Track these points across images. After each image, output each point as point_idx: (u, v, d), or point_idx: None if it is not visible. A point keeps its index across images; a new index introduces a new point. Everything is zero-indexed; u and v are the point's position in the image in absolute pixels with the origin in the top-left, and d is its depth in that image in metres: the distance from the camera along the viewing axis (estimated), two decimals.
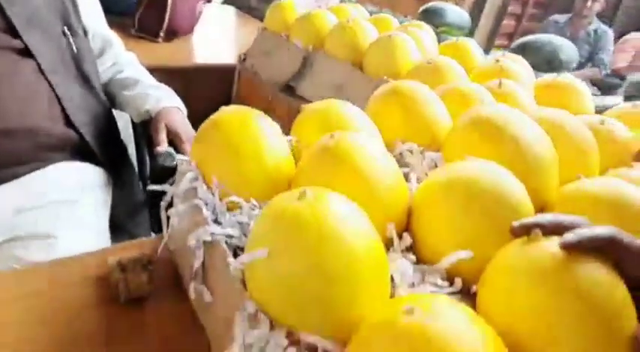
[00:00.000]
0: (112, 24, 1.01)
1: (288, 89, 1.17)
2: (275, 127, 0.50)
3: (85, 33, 0.92)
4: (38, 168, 0.78)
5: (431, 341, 0.26)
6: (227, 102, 1.38)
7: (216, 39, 1.65)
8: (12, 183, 0.75)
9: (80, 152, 0.83)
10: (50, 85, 0.79)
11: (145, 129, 0.98)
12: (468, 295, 0.38)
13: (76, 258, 0.53)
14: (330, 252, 0.32)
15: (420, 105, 0.60)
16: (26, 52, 0.78)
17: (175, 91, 1.13)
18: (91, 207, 0.80)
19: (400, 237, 0.42)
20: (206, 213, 0.42)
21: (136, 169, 0.97)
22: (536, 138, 0.50)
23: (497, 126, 0.50)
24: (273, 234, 0.33)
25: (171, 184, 0.50)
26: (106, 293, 0.49)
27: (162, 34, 1.40)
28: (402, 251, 0.41)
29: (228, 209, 0.43)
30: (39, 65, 0.79)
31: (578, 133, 0.56)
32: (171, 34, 1.43)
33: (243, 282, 0.35)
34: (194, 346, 0.45)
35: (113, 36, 1.00)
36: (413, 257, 0.40)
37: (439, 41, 1.13)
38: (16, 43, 0.78)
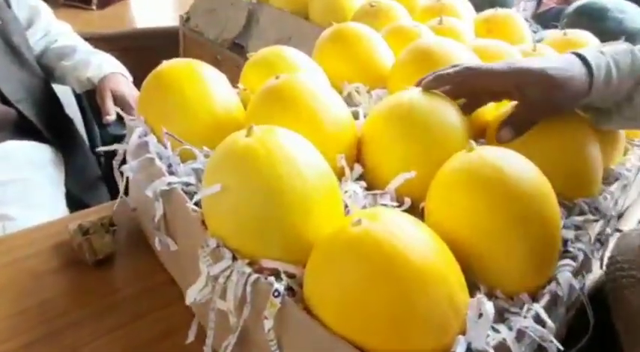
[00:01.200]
0: None
1: (237, 47, 1.14)
2: (222, 77, 0.50)
3: (8, 4, 0.87)
4: None
5: (381, 244, 0.29)
6: None
7: (154, 1, 1.58)
8: None
9: (23, 130, 0.80)
10: None
11: (90, 99, 0.95)
12: (417, 213, 0.41)
13: (35, 228, 0.53)
14: (283, 179, 0.33)
15: (364, 45, 0.62)
16: None
17: (121, 60, 1.10)
18: (43, 185, 0.78)
19: (352, 168, 0.44)
20: (160, 164, 0.42)
21: (87, 142, 0.95)
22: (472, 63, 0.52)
23: (435, 56, 0.52)
24: (227, 169, 0.34)
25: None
26: (70, 258, 0.49)
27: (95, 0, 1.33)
28: (355, 181, 0.44)
29: (182, 159, 0.44)
30: None
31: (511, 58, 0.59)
32: (105, 1, 1.35)
33: (203, 223, 0.37)
34: (166, 298, 0.47)
35: (40, 4, 0.94)
36: (364, 184, 0.42)
37: None
38: None
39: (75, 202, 0.84)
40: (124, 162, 0.48)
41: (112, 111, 0.81)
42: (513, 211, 0.33)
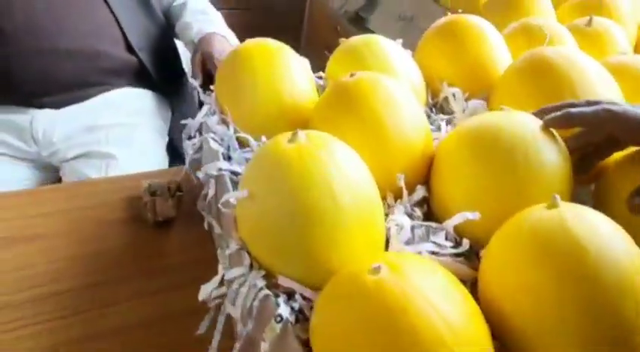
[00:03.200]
0: None
1: (359, 20, 1.10)
2: (303, 63, 0.47)
3: None
4: (103, 92, 0.82)
5: (389, 305, 0.24)
6: (297, 35, 1.35)
7: None
8: (82, 104, 0.81)
9: (140, 78, 0.86)
10: (110, 8, 0.81)
11: None
12: (474, 258, 0.35)
13: (116, 179, 0.57)
14: (313, 196, 0.30)
15: (476, 44, 0.53)
16: None
17: (241, 20, 1.12)
18: (148, 131, 0.84)
19: (414, 189, 0.39)
20: (217, 147, 0.42)
21: (194, 95, 1.00)
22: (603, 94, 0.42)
23: (556, 76, 0.42)
24: (258, 174, 0.32)
25: None
26: (135, 214, 0.52)
27: None
28: (414, 204, 0.39)
29: (243, 144, 0.43)
30: None
31: None
32: None
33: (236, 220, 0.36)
34: (210, 274, 0.48)
35: None
36: (419, 212, 0.37)
37: None
38: None
39: (176, 152, 0.91)
40: None
41: (196, 76, 0.83)
42: (585, 301, 0.26)
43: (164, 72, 0.90)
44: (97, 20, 0.80)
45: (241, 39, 1.03)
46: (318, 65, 1.33)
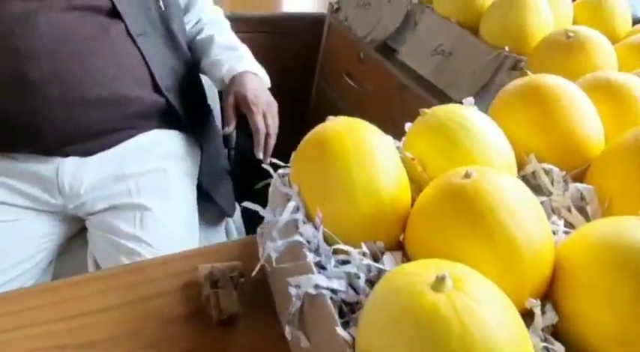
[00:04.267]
0: None
1: (385, 48, 1.05)
2: (388, 144, 0.42)
3: None
4: (131, 137, 0.76)
5: None
6: (314, 57, 1.29)
7: None
8: (109, 151, 0.74)
9: (168, 119, 0.81)
10: (138, 49, 0.76)
11: None
12: None
13: (167, 259, 0.51)
14: None
15: (565, 114, 0.49)
16: (114, 13, 0.75)
17: (259, 42, 1.05)
18: (179, 176, 0.79)
19: (542, 311, 0.34)
20: (310, 257, 0.36)
21: (221, 133, 0.94)
22: None
23: None
24: (387, 327, 0.27)
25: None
26: (195, 306, 0.46)
27: None
28: (543, 329, 0.34)
29: (334, 252, 0.37)
30: (127, 27, 0.75)
31: None
32: None
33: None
34: None
35: None
36: (560, 347, 0.32)
37: None
38: (104, 2, 0.74)
39: (203, 193, 0.85)
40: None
41: (229, 121, 0.78)
42: None
43: (191, 110, 0.84)
44: (125, 63, 0.74)
45: (262, 62, 0.98)
46: (336, 87, 1.28)
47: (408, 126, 0.50)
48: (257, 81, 0.81)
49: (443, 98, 0.90)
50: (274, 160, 0.45)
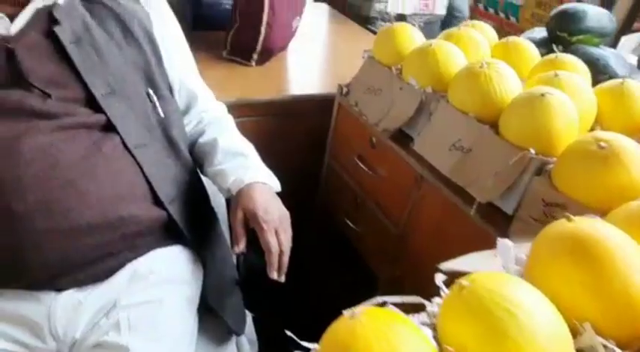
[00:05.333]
0: (201, 44, 0.92)
1: (399, 134, 1.00)
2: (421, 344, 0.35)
3: (171, 90, 0.83)
4: (127, 262, 0.70)
5: None
6: (323, 138, 1.25)
7: (310, 54, 1.50)
8: (105, 284, 0.68)
9: (168, 234, 0.75)
10: (136, 162, 0.71)
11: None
12: None
13: None
14: None
15: (622, 272, 0.42)
16: (109, 127, 0.70)
17: (266, 125, 1.01)
18: (177, 307, 0.72)
19: None
20: None
21: (228, 241, 0.88)
22: None
23: None
24: None
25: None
26: None
27: (255, 56, 1.28)
28: None
29: None
30: (123, 140, 0.71)
31: None
32: (265, 55, 1.30)
33: None
34: None
35: (199, 87, 0.89)
36: None
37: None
38: (98, 117, 0.70)
39: (207, 308, 0.78)
40: None
41: (239, 241, 0.72)
42: None
43: (195, 222, 0.78)
44: (121, 180, 0.69)
45: (269, 146, 0.93)
46: (348, 170, 1.22)
47: None
48: (266, 192, 0.75)
49: (464, 194, 0.84)
50: None
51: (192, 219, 0.78)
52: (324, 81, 1.32)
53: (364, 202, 1.16)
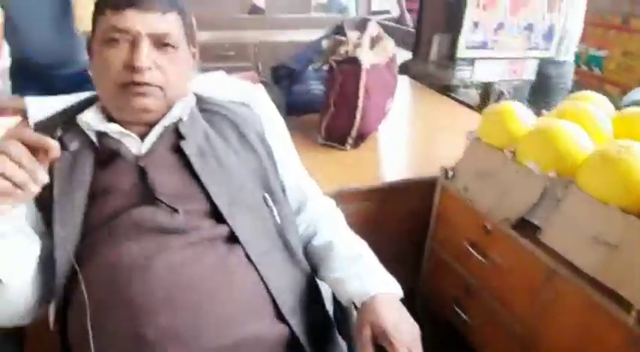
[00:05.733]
0: (294, 129, 0.93)
1: (521, 222, 0.91)
2: None
3: (284, 191, 0.82)
4: None
5: None
6: (423, 223, 1.19)
7: (401, 131, 1.48)
8: None
9: (289, 349, 0.70)
10: (258, 272, 0.69)
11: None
12: None
13: None
14: None
15: None
16: (232, 239, 0.69)
17: (365, 210, 0.96)
18: None
19: None
20: None
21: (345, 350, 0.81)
22: None
23: None
24: None
25: None
26: None
27: (350, 140, 1.27)
28: None
29: None
30: (245, 251, 0.69)
31: None
32: (360, 139, 1.29)
33: None
34: None
35: (309, 185, 0.88)
36: None
37: None
38: (222, 229, 0.69)
39: None
40: None
41: None
42: None
43: (314, 333, 0.73)
44: (247, 297, 0.67)
45: (367, 232, 0.87)
46: (455, 255, 1.11)
47: None
48: (393, 305, 0.69)
49: (615, 296, 0.73)
50: None
51: (312, 329, 0.73)
52: (420, 161, 1.28)
53: (478, 291, 1.06)
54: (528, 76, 1.81)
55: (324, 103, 1.29)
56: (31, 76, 1.63)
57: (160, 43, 0.70)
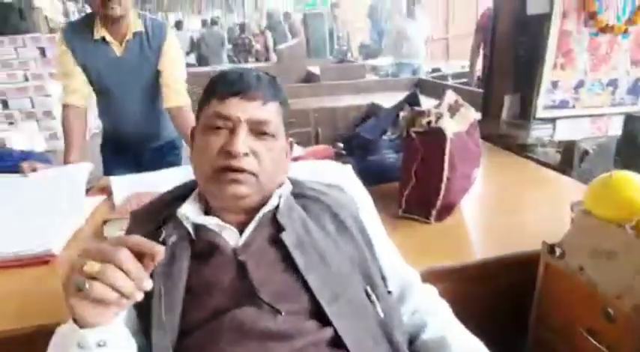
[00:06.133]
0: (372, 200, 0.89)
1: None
2: None
3: (383, 278, 0.75)
4: None
5: None
6: (523, 303, 1.07)
7: (486, 201, 1.39)
8: None
9: None
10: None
11: None
12: None
13: None
14: None
15: None
16: (337, 342, 0.63)
17: (456, 290, 0.88)
18: None
19: None
20: None
21: None
22: None
23: None
24: None
25: None
26: None
27: (434, 212, 1.20)
28: None
29: None
30: None
31: None
32: (445, 211, 1.22)
33: None
34: None
35: (406, 269, 0.81)
36: None
37: None
38: (326, 332, 0.63)
39: None
40: None
41: None
42: None
43: None
44: None
45: (461, 314, 0.76)
46: (569, 344, 0.96)
47: None
48: None
49: None
50: None
51: None
52: (513, 233, 1.17)
53: None
54: (614, 131, 1.69)
55: (403, 174, 1.24)
56: (122, 150, 1.78)
57: (259, 130, 0.69)
